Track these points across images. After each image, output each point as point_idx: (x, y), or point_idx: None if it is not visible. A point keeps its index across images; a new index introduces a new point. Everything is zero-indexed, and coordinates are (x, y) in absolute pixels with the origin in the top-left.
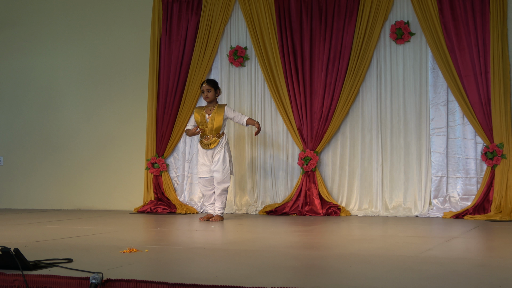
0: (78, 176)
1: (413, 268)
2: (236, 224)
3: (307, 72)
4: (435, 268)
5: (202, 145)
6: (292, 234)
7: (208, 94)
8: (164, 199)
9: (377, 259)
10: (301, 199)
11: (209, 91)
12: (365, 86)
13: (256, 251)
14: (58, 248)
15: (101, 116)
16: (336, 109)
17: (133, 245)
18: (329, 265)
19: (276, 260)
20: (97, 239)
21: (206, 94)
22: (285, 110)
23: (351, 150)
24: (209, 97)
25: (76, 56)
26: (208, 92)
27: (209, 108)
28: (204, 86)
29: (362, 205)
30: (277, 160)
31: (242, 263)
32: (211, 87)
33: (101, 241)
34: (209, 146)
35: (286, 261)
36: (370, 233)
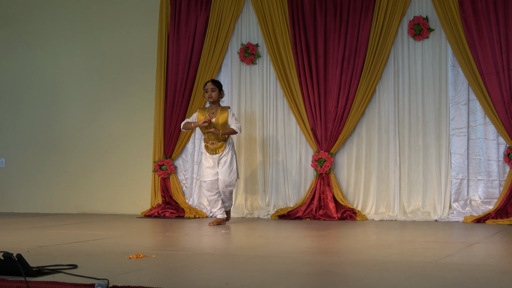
0: (82, 179)
1: (432, 275)
2: (247, 228)
3: (321, 70)
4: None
5: (209, 150)
6: (305, 239)
7: (212, 93)
8: (172, 202)
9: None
10: (315, 202)
11: (213, 91)
12: (382, 84)
13: (268, 257)
14: (62, 254)
15: (107, 116)
16: (351, 108)
17: (140, 251)
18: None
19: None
20: (103, 244)
21: (210, 94)
22: (298, 109)
23: (367, 151)
24: (212, 96)
25: (81, 54)
26: (212, 91)
27: (211, 111)
28: (209, 85)
29: (378, 209)
30: (290, 162)
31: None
32: (216, 86)
33: (107, 246)
34: (216, 151)
35: (299, 268)
36: (387, 238)
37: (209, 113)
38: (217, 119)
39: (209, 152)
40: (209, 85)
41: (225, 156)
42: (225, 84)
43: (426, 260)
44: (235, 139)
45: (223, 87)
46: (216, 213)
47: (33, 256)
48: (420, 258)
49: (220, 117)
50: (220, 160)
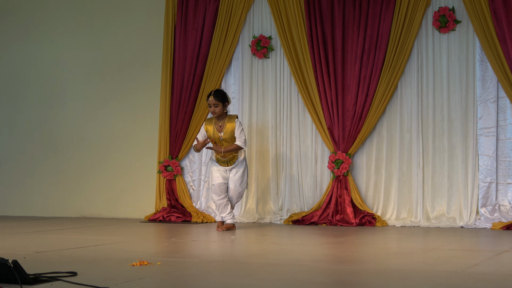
0: (82, 180)
1: (458, 285)
2: (258, 234)
3: (339, 64)
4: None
5: (220, 163)
6: (321, 247)
7: (216, 109)
8: (178, 206)
9: (417, 275)
10: (332, 207)
11: (217, 106)
12: (404, 80)
13: (281, 265)
14: (61, 260)
15: (109, 114)
16: (371, 106)
17: (143, 257)
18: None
19: (303, 276)
20: (104, 250)
21: (213, 110)
22: (314, 107)
23: (388, 152)
24: (216, 112)
25: (82, 47)
26: (215, 107)
27: (219, 124)
28: (211, 101)
29: (400, 214)
30: (304, 163)
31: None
32: (219, 101)
33: (109, 252)
34: (228, 164)
35: (315, 277)
36: (409, 245)
37: (216, 126)
38: (226, 131)
39: (221, 165)
40: (211, 101)
41: (237, 167)
42: (235, 79)
43: (451, 270)
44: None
45: (233, 83)
46: (225, 218)
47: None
48: (444, 268)
49: (228, 129)
50: (232, 169)
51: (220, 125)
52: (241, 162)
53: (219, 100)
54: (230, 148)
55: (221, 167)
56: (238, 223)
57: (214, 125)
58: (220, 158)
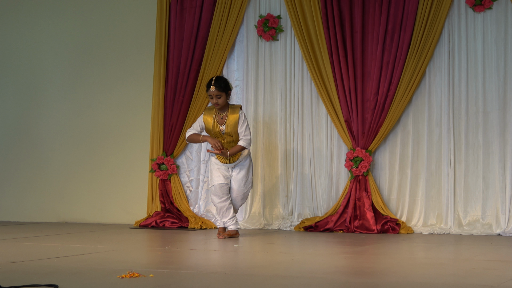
0: (64, 181)
1: None
2: (265, 242)
3: (358, 48)
4: None
5: (220, 159)
6: (337, 257)
7: (219, 101)
8: (174, 210)
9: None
10: (349, 211)
11: (220, 97)
12: (433, 66)
13: (291, 277)
14: (40, 271)
15: (95, 106)
16: (395, 96)
17: (134, 269)
18: None
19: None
20: (89, 260)
21: (216, 101)
22: (329, 96)
23: (414, 149)
24: (220, 104)
25: (64, 30)
26: (218, 98)
27: (220, 116)
28: (212, 91)
29: (428, 220)
30: (318, 161)
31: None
32: (222, 91)
33: (94, 262)
34: (230, 161)
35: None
36: (438, 256)
37: (217, 118)
38: (228, 123)
39: (222, 161)
40: (213, 91)
41: (241, 164)
42: (239, 64)
43: (486, 283)
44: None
45: (237, 69)
46: (227, 223)
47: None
48: (478, 281)
49: (231, 121)
50: (235, 167)
51: (221, 117)
52: (245, 158)
53: (221, 89)
54: (234, 150)
55: (222, 164)
56: (242, 229)
57: (215, 117)
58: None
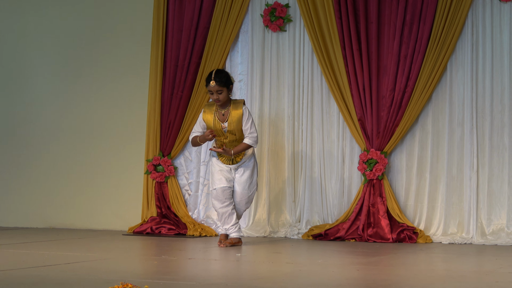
0: (52, 184)
1: None
2: (270, 251)
3: (373, 40)
4: None
5: (223, 159)
6: (349, 268)
7: (220, 96)
8: (171, 215)
9: None
10: (362, 218)
11: (221, 93)
12: (455, 60)
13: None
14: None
15: (86, 102)
16: (413, 92)
17: (127, 279)
18: None
19: None
20: (78, 269)
21: (217, 97)
22: (341, 93)
23: (433, 150)
24: (221, 100)
25: (53, 17)
26: (219, 94)
27: (221, 112)
28: (213, 87)
29: (448, 229)
30: (329, 163)
31: None
32: (223, 87)
33: (84, 272)
34: (233, 161)
35: None
36: (459, 267)
37: (218, 114)
38: (231, 120)
39: (225, 162)
40: (213, 87)
41: (245, 165)
42: (243, 57)
43: None
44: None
45: (241, 62)
46: (229, 230)
47: None
48: None
49: (234, 117)
50: (238, 168)
51: (223, 113)
52: (249, 158)
53: (222, 84)
54: (239, 149)
55: (224, 165)
56: (245, 237)
57: (216, 113)
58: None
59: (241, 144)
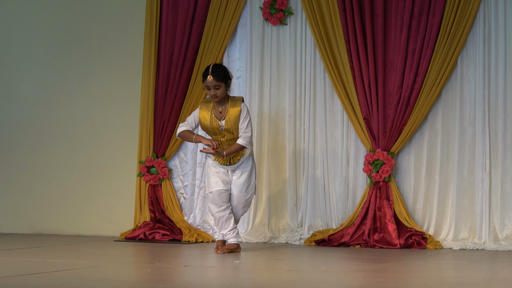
0: (39, 186)
1: None
2: (270, 258)
3: (379, 33)
4: None
5: (219, 160)
6: (354, 275)
7: (217, 92)
8: (165, 220)
9: None
10: (368, 223)
11: (218, 88)
12: (466, 55)
13: None
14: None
15: (74, 100)
16: (422, 89)
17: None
18: None
19: None
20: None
21: (214, 93)
22: (346, 90)
23: (443, 151)
24: (218, 96)
25: (39, 9)
26: (216, 89)
27: (218, 109)
28: (210, 81)
29: (459, 234)
30: (332, 164)
31: None
32: (220, 81)
33: (73, 280)
34: (230, 162)
35: None
36: (471, 275)
37: (215, 112)
38: (228, 118)
39: (221, 163)
40: (210, 82)
41: (242, 166)
42: (242, 52)
43: None
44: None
45: (239, 58)
46: (227, 236)
47: None
48: None
49: (232, 115)
50: (235, 170)
51: (220, 111)
52: (246, 159)
53: (220, 79)
54: (232, 149)
55: (222, 167)
56: (244, 243)
57: (213, 111)
58: None
59: (234, 145)
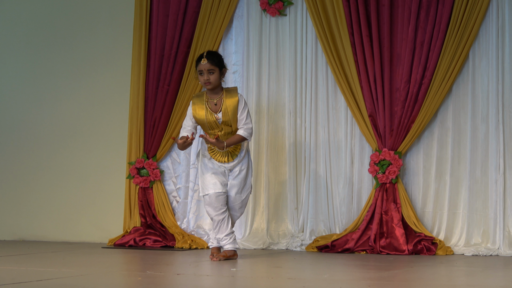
0: (21, 190)
1: None
2: (270, 266)
3: (385, 24)
4: None
5: (216, 156)
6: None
7: (211, 77)
8: (157, 225)
9: None
10: (374, 227)
11: (212, 73)
12: (478, 47)
13: None
14: None
15: (59, 96)
16: (431, 84)
17: None
18: None
19: None
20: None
21: (207, 78)
22: (349, 85)
23: (455, 150)
24: (211, 81)
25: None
26: (210, 74)
27: (213, 101)
28: (204, 65)
29: (471, 239)
30: (335, 164)
31: None
32: (215, 66)
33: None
34: (227, 159)
35: None
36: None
37: (210, 104)
38: (225, 110)
39: (218, 159)
40: (204, 65)
41: (240, 164)
42: (238, 45)
43: None
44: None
45: (235, 51)
46: (223, 242)
47: None
48: None
49: (229, 106)
50: (232, 169)
51: (215, 103)
52: (244, 155)
53: (215, 64)
54: (232, 140)
55: (218, 165)
56: (241, 249)
57: (207, 104)
58: (217, 149)
59: (234, 136)
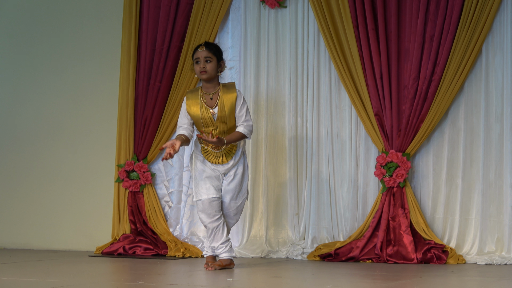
0: (0, 194)
1: None
2: (268, 275)
3: (392, 17)
4: None
5: (210, 158)
6: None
7: (207, 65)
8: (148, 232)
9: None
10: (381, 234)
11: (209, 61)
12: (491, 41)
13: None
14: None
15: (43, 94)
16: (441, 81)
17: None
18: None
19: None
20: None
21: (203, 66)
22: (354, 82)
23: (467, 152)
24: (207, 71)
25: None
26: (207, 62)
27: (209, 95)
28: (201, 53)
29: (484, 247)
30: (339, 167)
31: None
32: (213, 55)
33: None
34: (222, 160)
35: None
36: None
37: (206, 99)
38: (221, 105)
39: (211, 161)
40: (201, 52)
41: (235, 167)
42: (235, 39)
43: None
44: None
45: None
46: (218, 250)
47: None
48: None
49: (226, 102)
50: (227, 172)
51: (211, 97)
52: (240, 157)
53: (212, 53)
54: (232, 137)
55: (212, 169)
56: (238, 258)
57: (202, 99)
58: (210, 150)
59: (234, 133)
